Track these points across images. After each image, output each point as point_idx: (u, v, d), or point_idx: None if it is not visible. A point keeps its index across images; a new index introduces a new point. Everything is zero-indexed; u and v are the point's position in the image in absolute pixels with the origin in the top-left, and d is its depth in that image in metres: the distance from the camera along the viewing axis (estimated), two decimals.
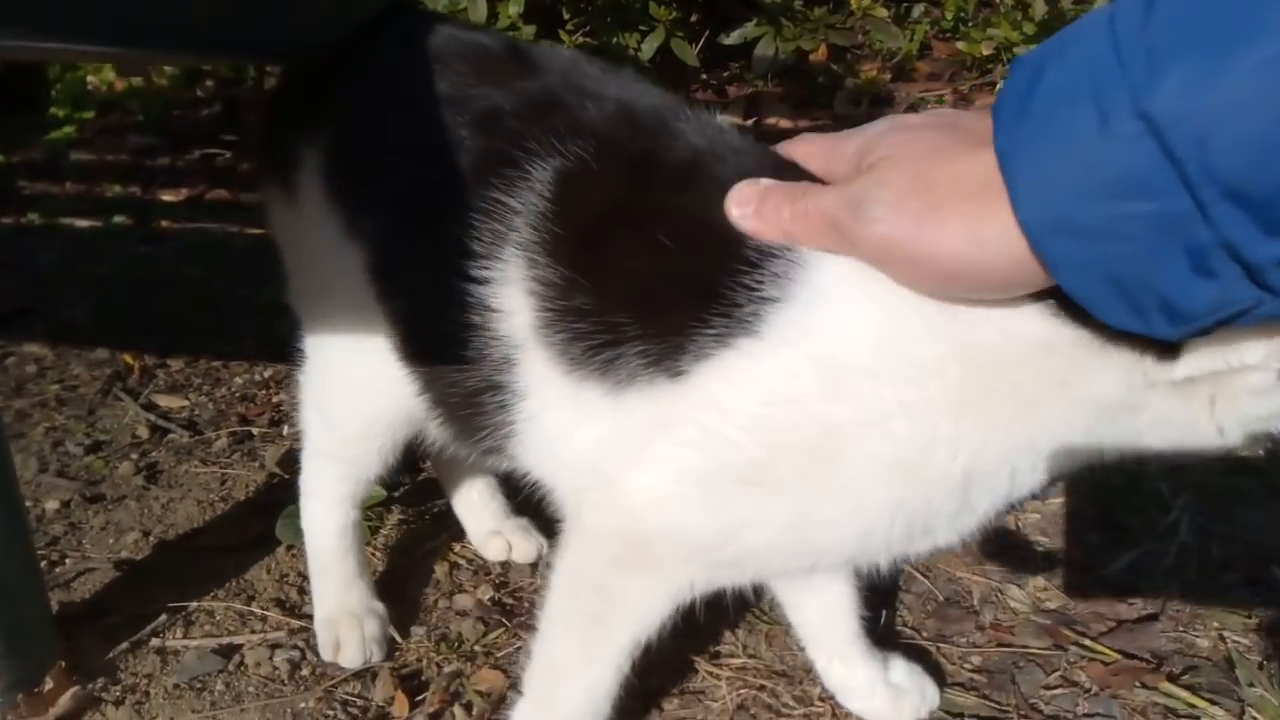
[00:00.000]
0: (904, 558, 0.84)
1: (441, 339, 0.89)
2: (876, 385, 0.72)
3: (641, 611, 0.86)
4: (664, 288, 0.77)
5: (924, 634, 1.23)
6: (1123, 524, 1.40)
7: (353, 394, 1.05)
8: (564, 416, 0.84)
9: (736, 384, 0.74)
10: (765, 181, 0.75)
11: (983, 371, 0.71)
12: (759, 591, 1.09)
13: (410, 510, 1.41)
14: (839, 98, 2.83)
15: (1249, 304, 0.56)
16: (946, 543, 0.82)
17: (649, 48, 2.66)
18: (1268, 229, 0.52)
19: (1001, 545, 1.37)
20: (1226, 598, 1.26)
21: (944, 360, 0.71)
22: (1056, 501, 1.45)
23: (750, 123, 2.85)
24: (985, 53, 2.70)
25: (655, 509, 0.80)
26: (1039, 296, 0.67)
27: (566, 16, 2.75)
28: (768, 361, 0.73)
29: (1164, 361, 0.68)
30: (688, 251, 0.77)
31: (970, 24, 2.85)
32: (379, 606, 1.18)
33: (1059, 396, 0.71)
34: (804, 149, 0.79)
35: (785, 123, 2.83)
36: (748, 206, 0.75)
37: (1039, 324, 0.69)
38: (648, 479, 0.79)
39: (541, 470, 0.92)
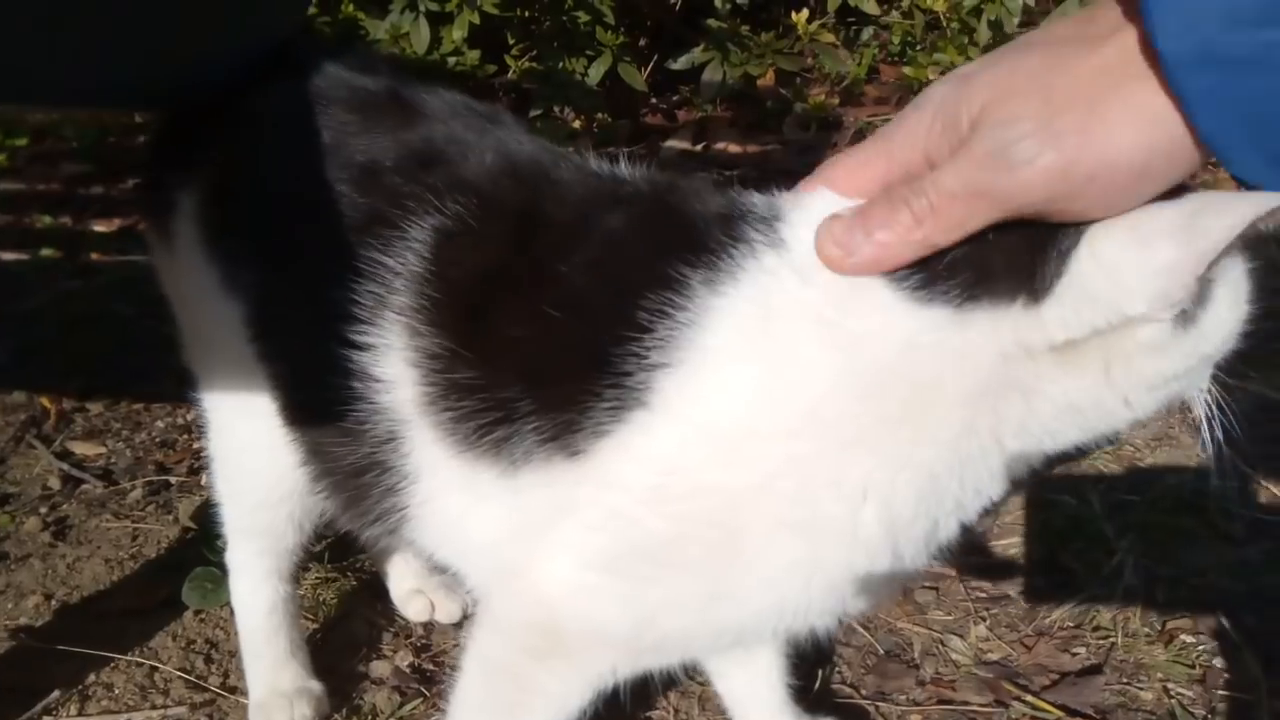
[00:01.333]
0: (842, 616, 0.80)
1: (321, 408, 0.83)
2: (761, 443, 0.68)
3: (559, 701, 0.81)
4: (553, 358, 0.73)
5: (863, 691, 1.19)
6: (1067, 567, 1.36)
7: (248, 459, 0.99)
8: (459, 501, 0.79)
9: (634, 459, 0.70)
10: (842, 210, 0.67)
11: (866, 402, 0.67)
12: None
13: (328, 568, 1.34)
14: (787, 122, 2.81)
15: None
16: (885, 598, 0.78)
17: (596, 72, 2.63)
18: None
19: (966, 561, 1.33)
20: (1171, 646, 1.22)
21: (824, 401, 0.67)
22: (1000, 543, 1.41)
23: (700, 147, 2.82)
24: (931, 77, 2.69)
25: (567, 599, 0.76)
26: (894, 284, 0.64)
27: (512, 41, 2.71)
28: (660, 433, 0.69)
29: (1029, 312, 0.63)
30: (575, 318, 0.72)
31: (917, 49, 2.84)
32: (314, 686, 1.11)
33: (942, 398, 0.66)
34: (845, 167, 0.69)
35: (734, 147, 2.80)
36: (848, 241, 0.65)
37: (893, 319, 0.65)
38: (556, 567, 0.75)
39: (443, 555, 0.87)
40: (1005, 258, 0.63)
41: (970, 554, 1.39)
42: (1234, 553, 1.37)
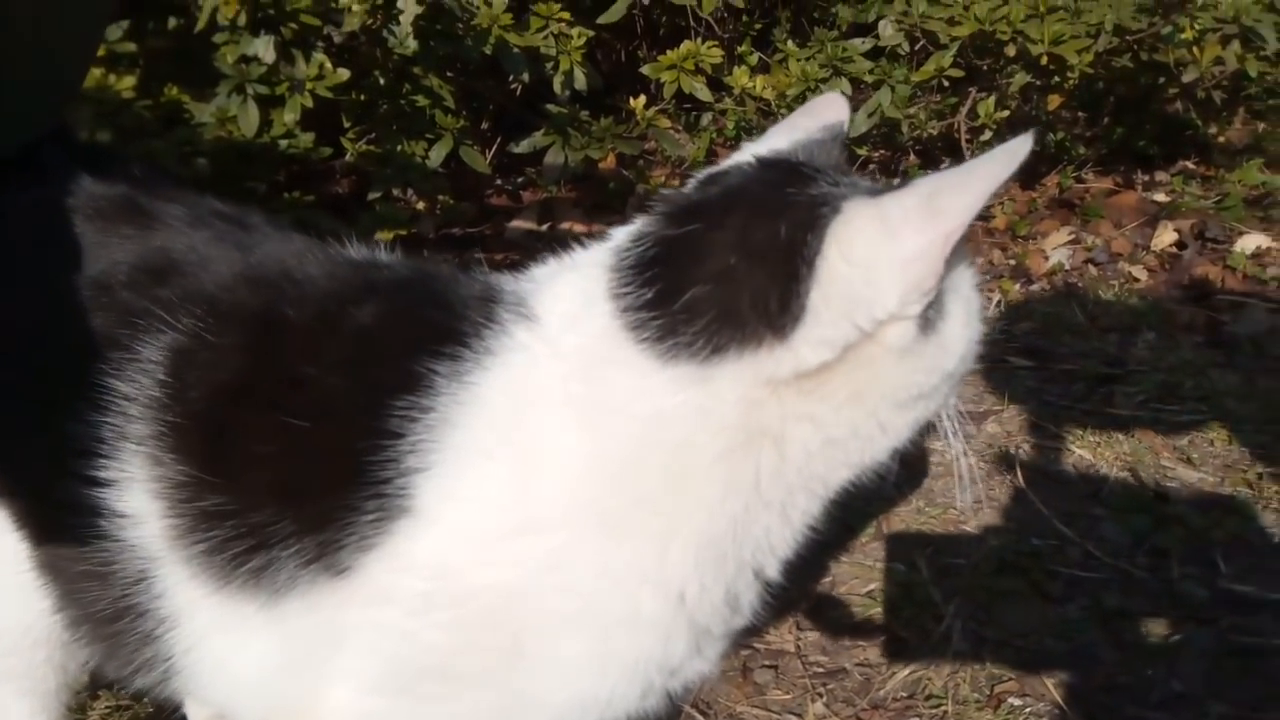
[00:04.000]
0: (673, 695, 0.76)
1: (64, 549, 0.76)
2: (522, 539, 0.66)
3: None
4: (307, 473, 0.69)
5: None
6: (898, 635, 1.38)
7: None
8: (224, 642, 0.73)
9: (401, 568, 0.67)
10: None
11: (621, 481, 0.66)
12: None
13: (120, 696, 1.22)
14: (631, 202, 2.86)
15: None
16: (699, 674, 0.75)
17: (437, 155, 2.61)
18: None
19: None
20: (1000, 710, 1.25)
21: (577, 487, 0.66)
22: (835, 614, 1.42)
23: (545, 227, 2.84)
24: None
25: None
26: (634, 336, 0.64)
27: (348, 124, 2.67)
28: (424, 538, 0.67)
29: (777, 346, 0.63)
30: (326, 426, 0.69)
31: (751, 132, 2.96)
32: None
33: (698, 461, 0.65)
34: None
35: (580, 226, 2.82)
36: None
37: (637, 383, 0.64)
38: (336, 699, 0.70)
39: (219, 703, 0.80)
40: (749, 294, 0.63)
41: (816, 619, 1.39)
42: (1054, 611, 1.42)
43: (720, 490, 0.66)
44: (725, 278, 0.63)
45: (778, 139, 0.74)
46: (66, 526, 0.74)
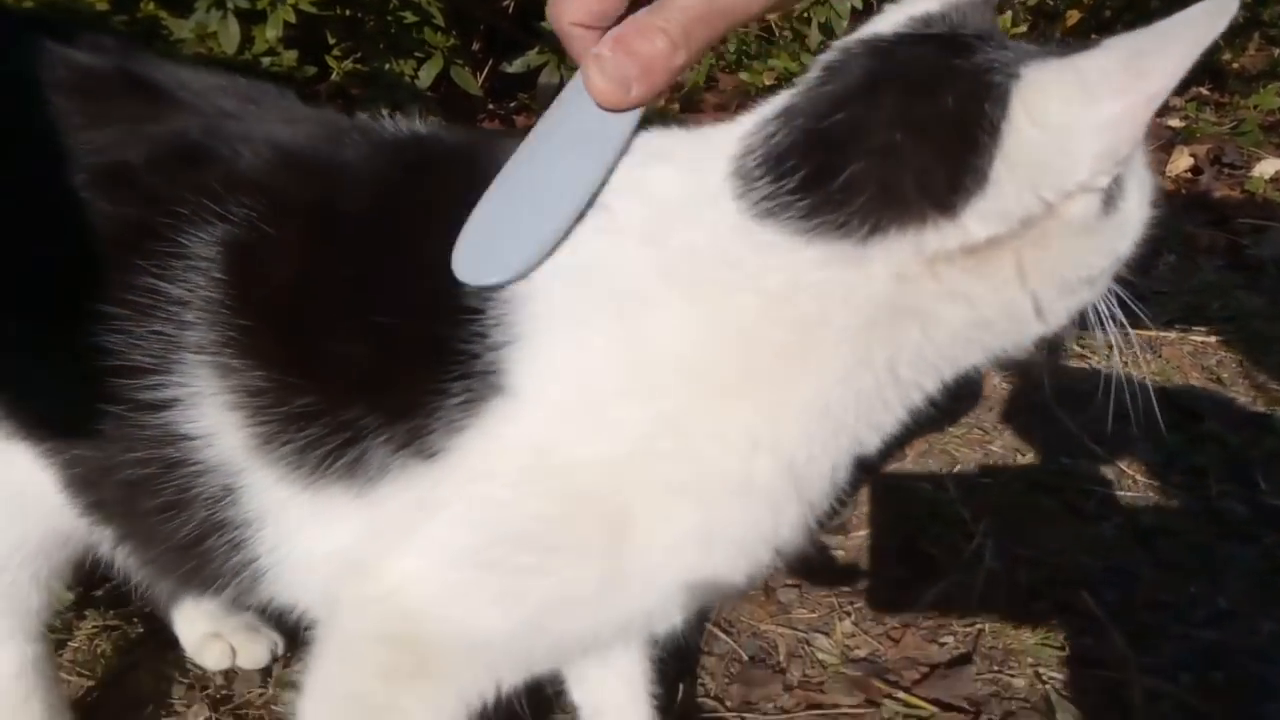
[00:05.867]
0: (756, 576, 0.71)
1: (127, 487, 0.69)
2: (627, 406, 0.62)
3: None
4: (390, 363, 0.64)
5: (728, 703, 1.09)
6: (927, 554, 1.31)
7: None
8: (314, 533, 0.68)
9: (498, 447, 0.63)
10: (600, 48, 0.62)
11: (739, 348, 0.62)
12: None
13: (109, 614, 1.14)
14: None
15: None
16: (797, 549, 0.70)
17: (427, 75, 2.49)
18: None
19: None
20: (1038, 629, 1.18)
21: (690, 352, 0.61)
22: (859, 535, 1.35)
23: None
24: (767, 83, 2.71)
25: (432, 605, 0.65)
26: (769, 218, 0.60)
27: (333, 41, 2.54)
28: (520, 414, 0.62)
29: (944, 224, 0.58)
30: (403, 314, 0.64)
31: (752, 57, 2.86)
32: None
33: (829, 335, 0.61)
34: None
35: None
36: (621, 76, 0.61)
37: (769, 259, 0.60)
38: (416, 568, 0.65)
39: (306, 603, 0.74)
40: (913, 170, 0.59)
41: (834, 548, 1.32)
42: (1089, 530, 1.36)
43: (848, 364, 0.62)
44: (885, 154, 0.59)
45: (924, 1, 0.67)
46: (123, 466, 0.68)
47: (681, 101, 2.88)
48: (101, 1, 2.17)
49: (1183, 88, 3.02)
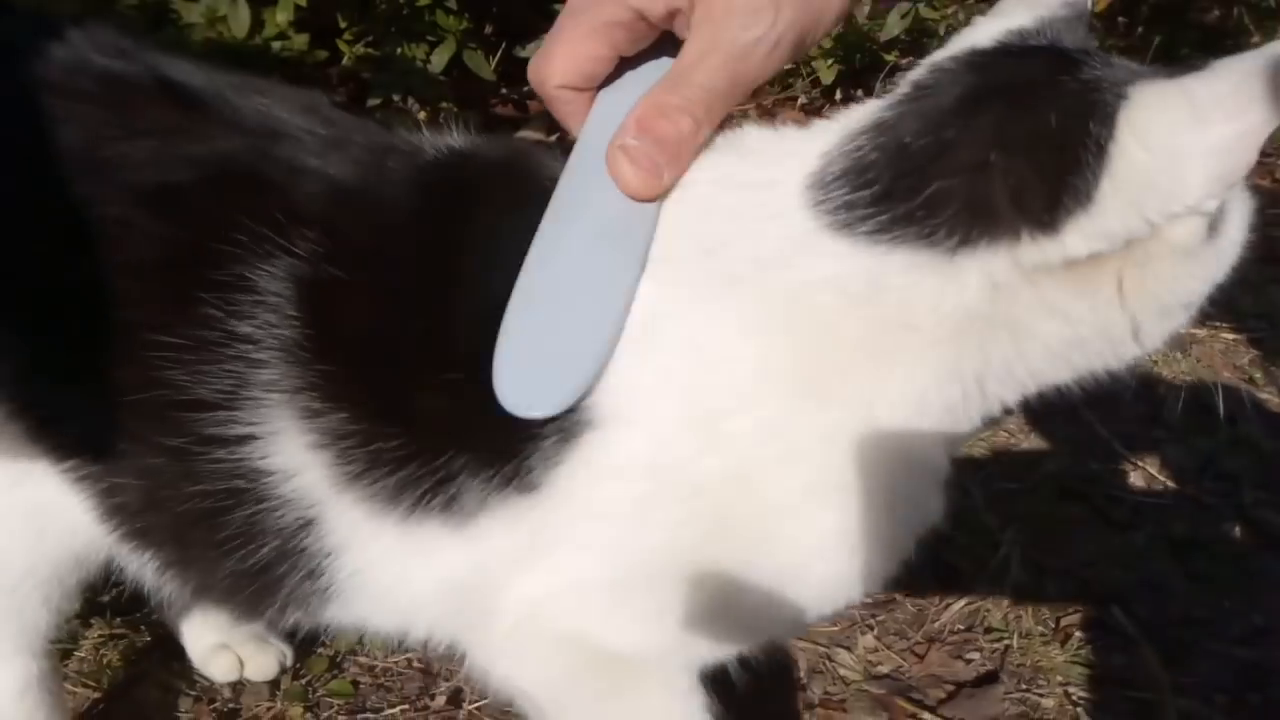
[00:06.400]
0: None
1: (181, 516, 0.67)
2: (723, 421, 0.62)
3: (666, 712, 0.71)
4: (479, 409, 0.62)
5: None
6: (953, 565, 1.28)
7: None
8: (404, 562, 0.67)
9: (603, 477, 0.63)
10: (624, 136, 0.63)
11: (822, 344, 0.62)
12: None
13: (114, 623, 1.12)
14: None
15: None
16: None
17: (440, 60, 2.46)
18: None
19: None
20: (1067, 645, 1.15)
21: (763, 362, 0.62)
22: None
23: (554, 138, 2.68)
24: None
25: (595, 618, 0.66)
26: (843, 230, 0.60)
27: (344, 25, 2.50)
28: (617, 443, 0.62)
29: (1042, 239, 0.58)
30: (479, 365, 0.62)
31: None
32: None
33: (914, 342, 0.61)
34: (569, 43, 0.66)
35: None
36: (651, 164, 0.62)
37: (834, 265, 0.61)
38: (541, 590, 0.65)
39: (377, 622, 0.73)
40: (1009, 189, 0.58)
41: None
42: (1120, 539, 1.32)
43: (937, 374, 0.62)
44: (976, 170, 0.59)
45: (1019, 15, 0.66)
46: (179, 498, 0.66)
47: None
48: None
49: None
